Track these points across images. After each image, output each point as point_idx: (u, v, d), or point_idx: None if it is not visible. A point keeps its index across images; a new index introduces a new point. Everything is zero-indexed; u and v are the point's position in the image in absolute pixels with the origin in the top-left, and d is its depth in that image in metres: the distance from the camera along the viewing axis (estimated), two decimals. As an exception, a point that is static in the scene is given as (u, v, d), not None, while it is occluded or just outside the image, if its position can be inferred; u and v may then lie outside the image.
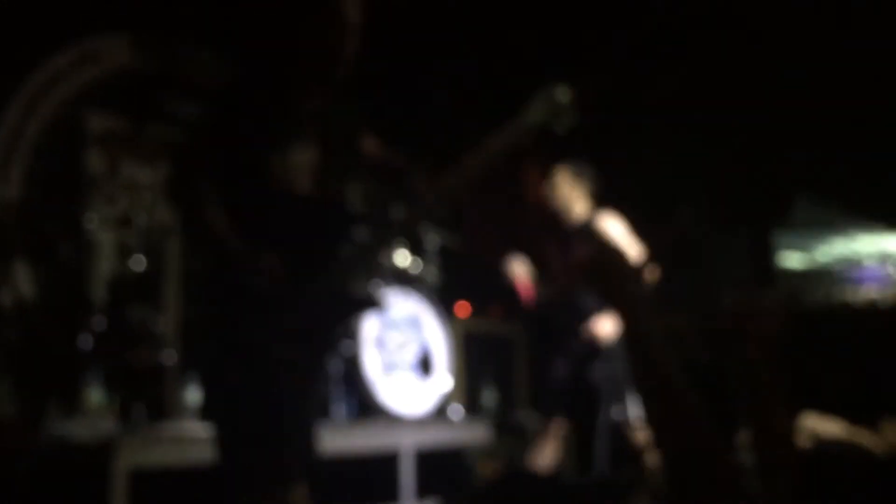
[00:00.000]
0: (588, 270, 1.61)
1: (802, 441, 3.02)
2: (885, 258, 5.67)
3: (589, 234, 4.01)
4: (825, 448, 2.72)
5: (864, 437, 3.04)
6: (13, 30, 4.16)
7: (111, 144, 4.45)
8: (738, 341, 1.73)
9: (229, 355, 2.11)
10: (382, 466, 3.87)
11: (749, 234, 5.68)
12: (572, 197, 4.10)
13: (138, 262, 4.17)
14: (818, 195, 5.80)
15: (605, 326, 3.87)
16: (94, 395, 3.61)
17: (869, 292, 5.67)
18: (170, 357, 4.02)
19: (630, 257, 1.62)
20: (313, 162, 2.25)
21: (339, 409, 4.04)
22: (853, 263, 5.73)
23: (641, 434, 3.71)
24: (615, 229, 3.99)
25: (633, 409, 3.84)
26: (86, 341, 3.76)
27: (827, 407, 3.14)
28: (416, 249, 4.83)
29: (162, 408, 3.95)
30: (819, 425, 3.11)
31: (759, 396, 1.74)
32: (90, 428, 3.33)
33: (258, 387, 2.11)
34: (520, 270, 4.20)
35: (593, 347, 3.91)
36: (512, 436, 4.64)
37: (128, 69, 4.53)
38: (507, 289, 5.76)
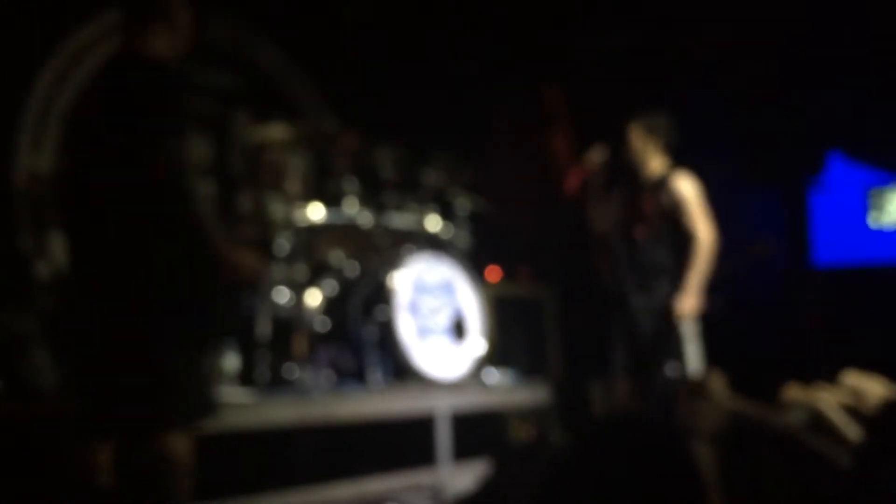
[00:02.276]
0: None
1: (844, 398, 2.99)
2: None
3: (662, 189, 3.98)
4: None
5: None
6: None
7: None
8: None
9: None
10: (419, 430, 3.90)
11: (783, 190, 5.62)
12: (647, 151, 4.03)
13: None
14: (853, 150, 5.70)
15: (689, 304, 3.86)
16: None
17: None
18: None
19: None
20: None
21: (375, 373, 4.06)
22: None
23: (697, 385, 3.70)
24: (689, 191, 3.94)
25: (689, 366, 3.83)
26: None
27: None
28: (447, 215, 4.82)
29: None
30: (862, 383, 3.08)
31: None
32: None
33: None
34: (592, 160, 4.18)
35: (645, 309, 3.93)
36: (545, 398, 4.65)
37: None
38: (534, 252, 5.75)
